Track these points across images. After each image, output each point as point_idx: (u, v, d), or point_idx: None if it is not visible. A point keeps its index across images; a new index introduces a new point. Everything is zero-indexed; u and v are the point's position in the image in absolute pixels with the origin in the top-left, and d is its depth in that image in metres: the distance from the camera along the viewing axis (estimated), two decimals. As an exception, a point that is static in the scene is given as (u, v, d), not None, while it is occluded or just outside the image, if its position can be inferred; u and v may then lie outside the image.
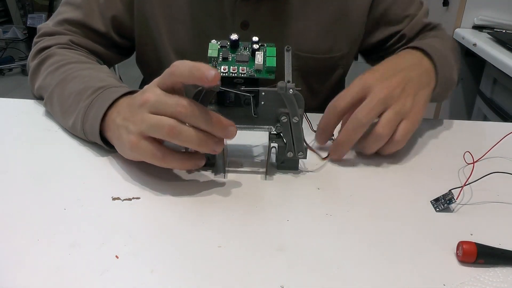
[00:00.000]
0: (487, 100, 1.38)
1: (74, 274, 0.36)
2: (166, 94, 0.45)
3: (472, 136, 0.64)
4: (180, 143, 0.44)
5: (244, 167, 0.53)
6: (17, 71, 3.23)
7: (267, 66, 0.47)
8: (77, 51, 0.68)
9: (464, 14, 1.52)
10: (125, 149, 0.48)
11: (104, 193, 0.46)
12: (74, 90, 0.56)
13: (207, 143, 0.44)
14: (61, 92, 0.58)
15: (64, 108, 0.57)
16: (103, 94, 0.53)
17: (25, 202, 0.45)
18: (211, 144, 0.45)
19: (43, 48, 0.67)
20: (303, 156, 0.50)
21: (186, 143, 0.44)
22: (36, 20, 3.19)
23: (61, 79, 0.59)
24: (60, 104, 0.58)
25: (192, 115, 0.44)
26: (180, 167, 0.49)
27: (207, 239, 0.41)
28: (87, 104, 0.53)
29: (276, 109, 0.49)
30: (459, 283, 0.37)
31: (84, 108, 0.53)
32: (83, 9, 0.70)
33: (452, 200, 0.46)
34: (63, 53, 0.65)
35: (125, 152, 0.48)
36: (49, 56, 0.65)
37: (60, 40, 0.68)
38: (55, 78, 0.60)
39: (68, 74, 0.60)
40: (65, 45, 0.68)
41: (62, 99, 0.58)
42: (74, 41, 0.69)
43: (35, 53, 0.68)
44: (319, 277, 0.37)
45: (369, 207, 0.46)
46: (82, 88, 0.56)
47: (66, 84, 0.58)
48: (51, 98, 0.60)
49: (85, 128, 0.53)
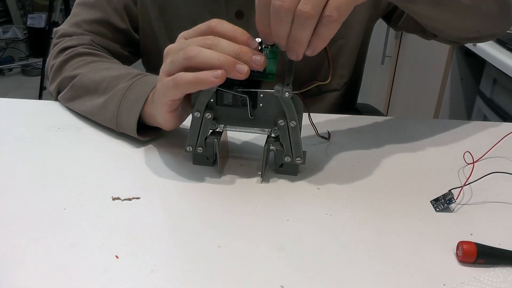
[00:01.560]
0: (487, 100, 1.38)
1: (74, 274, 0.36)
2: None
3: (472, 136, 0.63)
4: (209, 60, 0.44)
5: (244, 167, 0.53)
6: (17, 71, 3.24)
7: (268, 69, 0.47)
8: (101, 54, 0.69)
9: (464, 14, 1.51)
10: (163, 90, 0.47)
11: (104, 193, 0.46)
12: (109, 75, 0.59)
13: (235, 60, 0.44)
14: (92, 77, 0.60)
15: (93, 89, 0.59)
16: (143, 79, 0.56)
17: (25, 202, 0.45)
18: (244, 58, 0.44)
19: (67, 47, 0.68)
20: (302, 162, 0.50)
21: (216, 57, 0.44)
22: (36, 20, 3.20)
23: (93, 68, 0.62)
24: (89, 86, 0.60)
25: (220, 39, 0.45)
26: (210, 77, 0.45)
27: (207, 239, 0.41)
28: (127, 85, 0.56)
29: (274, 112, 0.48)
30: (459, 283, 0.37)
31: (123, 89, 0.55)
32: (99, 7, 0.71)
33: (452, 200, 0.46)
34: (90, 52, 0.67)
35: (166, 94, 0.47)
36: (77, 54, 0.66)
37: (83, 40, 0.69)
38: (85, 68, 0.62)
39: (99, 65, 0.62)
40: (88, 46, 0.69)
41: (93, 82, 0.60)
42: (95, 41, 0.70)
43: (58, 52, 0.68)
44: (319, 277, 0.37)
45: (369, 207, 0.46)
46: (118, 75, 0.58)
47: (98, 72, 0.61)
48: (80, 81, 0.61)
49: (120, 109, 0.55)
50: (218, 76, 0.43)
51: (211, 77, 0.44)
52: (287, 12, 0.41)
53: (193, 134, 0.50)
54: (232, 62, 0.44)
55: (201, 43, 0.45)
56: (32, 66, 3.18)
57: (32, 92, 2.75)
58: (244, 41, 0.45)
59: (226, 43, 0.45)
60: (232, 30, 0.45)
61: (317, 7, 0.41)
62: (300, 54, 0.45)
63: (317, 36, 0.43)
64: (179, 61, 0.45)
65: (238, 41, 0.45)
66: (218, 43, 0.45)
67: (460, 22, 0.61)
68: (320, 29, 0.42)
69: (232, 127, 0.50)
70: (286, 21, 0.42)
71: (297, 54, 0.45)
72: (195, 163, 0.52)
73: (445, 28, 0.64)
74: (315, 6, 0.41)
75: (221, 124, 0.50)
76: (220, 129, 0.50)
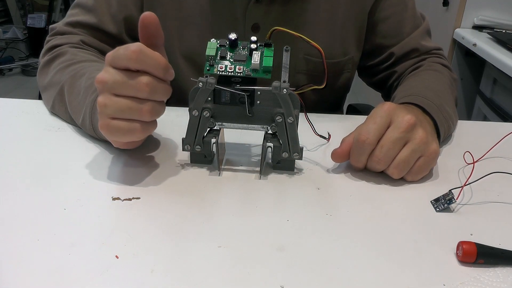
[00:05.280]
0: (487, 100, 1.38)
1: (74, 274, 0.36)
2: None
3: (472, 136, 0.63)
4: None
5: (242, 166, 0.53)
6: (17, 71, 3.23)
7: (264, 66, 0.47)
8: (87, 51, 0.68)
9: (464, 14, 1.52)
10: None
11: (104, 193, 0.46)
12: (83, 86, 0.57)
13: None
14: (71, 90, 0.58)
15: (73, 105, 0.57)
16: None
17: (25, 202, 0.45)
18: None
19: (55, 46, 0.68)
20: (299, 157, 0.50)
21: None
22: (36, 20, 3.19)
23: (71, 76, 0.60)
24: (70, 102, 0.58)
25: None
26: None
27: (207, 239, 0.41)
28: (94, 98, 0.53)
29: (271, 109, 0.49)
30: (459, 283, 0.37)
31: (91, 102, 0.54)
32: (95, 13, 0.70)
33: (452, 200, 0.46)
34: (74, 52, 0.66)
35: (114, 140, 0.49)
36: (60, 54, 0.66)
37: (72, 39, 0.69)
38: (64, 75, 0.61)
39: (78, 71, 0.60)
40: (76, 45, 0.68)
41: (72, 96, 0.58)
42: (85, 41, 0.70)
43: (46, 50, 0.69)
44: (319, 277, 0.37)
45: (369, 207, 0.46)
46: (90, 84, 0.56)
47: (76, 81, 0.59)
48: (61, 96, 0.60)
49: (93, 123, 0.53)
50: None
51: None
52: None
53: (190, 132, 0.50)
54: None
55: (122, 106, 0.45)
56: (32, 66, 3.18)
57: (32, 92, 2.75)
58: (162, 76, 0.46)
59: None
60: (154, 65, 0.45)
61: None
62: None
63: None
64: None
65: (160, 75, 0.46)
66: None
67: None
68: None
69: (230, 125, 0.50)
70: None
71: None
72: (193, 161, 0.53)
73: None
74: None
75: (218, 122, 0.50)
76: (218, 127, 0.51)
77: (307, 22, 0.71)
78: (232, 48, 0.49)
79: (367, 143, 0.49)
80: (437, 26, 1.62)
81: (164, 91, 0.46)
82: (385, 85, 0.82)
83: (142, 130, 0.46)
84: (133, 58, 0.43)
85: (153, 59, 0.45)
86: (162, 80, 0.46)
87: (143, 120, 0.46)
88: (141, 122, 0.46)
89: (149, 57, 0.44)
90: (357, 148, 0.50)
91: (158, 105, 0.47)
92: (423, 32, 0.77)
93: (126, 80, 0.44)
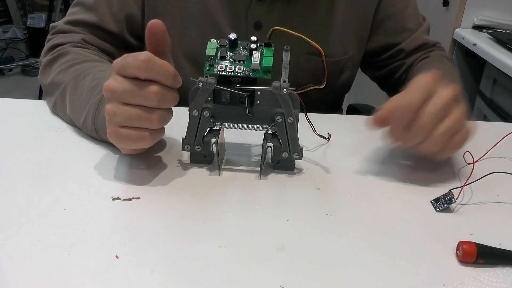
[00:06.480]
0: (487, 100, 1.38)
1: (74, 274, 0.36)
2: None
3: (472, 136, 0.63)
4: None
5: (242, 166, 0.53)
6: (17, 71, 3.23)
7: (264, 66, 0.47)
8: (90, 50, 0.68)
9: (464, 14, 1.52)
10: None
11: (104, 193, 0.46)
12: (87, 87, 0.57)
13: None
14: (74, 90, 0.58)
15: (75, 105, 0.57)
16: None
17: (25, 202, 0.45)
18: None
19: (56, 45, 0.68)
20: (299, 157, 0.50)
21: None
22: (36, 20, 3.19)
23: (75, 76, 0.60)
24: (72, 102, 0.58)
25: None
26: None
27: (207, 239, 0.41)
28: (98, 99, 0.53)
29: (271, 109, 0.49)
30: (459, 283, 0.37)
31: (95, 104, 0.53)
32: (96, 11, 0.70)
33: (452, 200, 0.46)
34: (77, 51, 0.66)
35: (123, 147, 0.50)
36: (63, 54, 0.65)
37: (73, 38, 0.69)
38: (68, 76, 0.61)
39: (81, 72, 0.60)
40: (78, 44, 0.68)
41: (75, 96, 0.58)
42: (86, 40, 0.69)
43: (48, 49, 0.68)
44: (319, 277, 0.37)
45: (369, 207, 0.46)
46: (94, 85, 0.56)
47: (79, 81, 0.59)
48: (63, 96, 0.60)
49: (96, 124, 0.53)
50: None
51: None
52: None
53: (190, 132, 0.50)
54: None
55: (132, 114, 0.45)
56: (32, 66, 3.18)
57: (32, 92, 2.75)
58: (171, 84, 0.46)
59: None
60: (163, 74, 0.45)
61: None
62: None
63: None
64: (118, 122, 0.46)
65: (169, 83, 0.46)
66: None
67: None
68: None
69: (230, 125, 0.50)
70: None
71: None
72: (193, 161, 0.53)
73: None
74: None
75: (218, 122, 0.50)
76: (218, 127, 0.51)
77: (309, 20, 0.71)
78: (232, 48, 0.49)
79: (410, 111, 0.46)
80: (437, 26, 1.62)
81: (172, 99, 0.47)
82: (390, 78, 0.83)
83: (151, 138, 0.47)
84: (142, 67, 0.43)
85: (162, 68, 0.45)
86: (170, 88, 0.46)
87: (152, 128, 0.46)
88: (150, 130, 0.46)
89: (158, 66, 0.44)
90: (398, 116, 0.47)
91: (167, 113, 0.47)
92: (427, 27, 0.80)
93: (135, 89, 0.44)
